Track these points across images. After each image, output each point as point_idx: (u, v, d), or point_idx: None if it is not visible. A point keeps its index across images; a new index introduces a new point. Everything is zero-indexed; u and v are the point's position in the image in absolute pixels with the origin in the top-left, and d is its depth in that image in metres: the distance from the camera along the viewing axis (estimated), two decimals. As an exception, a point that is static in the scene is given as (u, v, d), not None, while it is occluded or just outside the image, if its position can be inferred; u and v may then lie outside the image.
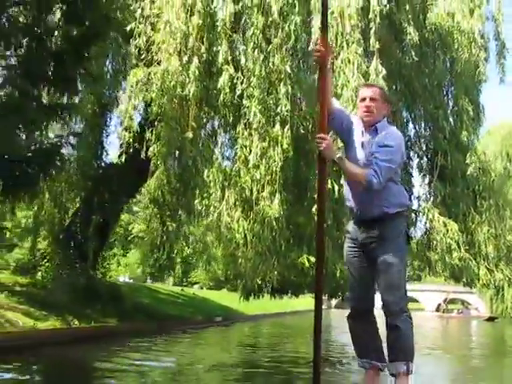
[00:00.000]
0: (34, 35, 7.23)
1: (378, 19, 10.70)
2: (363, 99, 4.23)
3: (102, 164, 17.44)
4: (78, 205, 17.98)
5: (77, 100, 12.82)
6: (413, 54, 13.08)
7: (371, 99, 4.19)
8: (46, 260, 17.07)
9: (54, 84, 7.72)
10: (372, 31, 10.68)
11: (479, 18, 15.14)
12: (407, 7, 13.09)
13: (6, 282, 14.47)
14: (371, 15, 10.65)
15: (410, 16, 13.14)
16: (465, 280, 13.46)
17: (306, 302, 35.09)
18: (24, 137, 7.48)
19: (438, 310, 68.87)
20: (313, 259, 9.66)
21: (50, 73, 7.50)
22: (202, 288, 49.70)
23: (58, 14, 8.03)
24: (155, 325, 16.66)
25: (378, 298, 4.24)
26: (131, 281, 48.56)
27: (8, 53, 7.44)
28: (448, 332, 30.21)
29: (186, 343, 14.77)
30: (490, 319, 42.65)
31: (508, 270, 13.67)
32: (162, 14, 10.92)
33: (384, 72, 10.55)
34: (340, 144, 5.14)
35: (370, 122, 4.20)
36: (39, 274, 16.50)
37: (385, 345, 4.21)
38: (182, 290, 30.75)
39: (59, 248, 17.11)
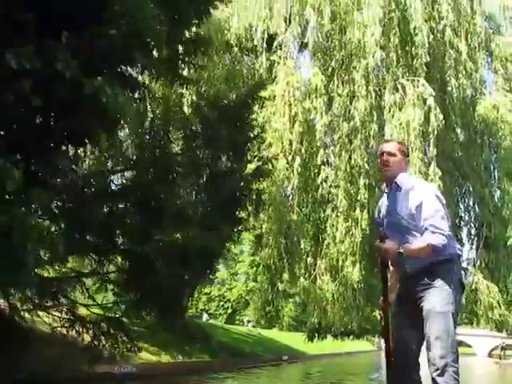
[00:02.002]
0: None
1: (436, 131, 14.67)
2: (381, 154, 4.42)
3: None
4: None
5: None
6: (463, 140, 17.11)
7: (389, 154, 4.36)
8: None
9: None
10: (431, 141, 14.63)
11: (520, 110, 19.07)
12: (459, 103, 17.12)
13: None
14: (430, 128, 14.61)
15: (462, 108, 17.24)
16: (505, 332, 17.28)
17: (360, 344, 38.60)
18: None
19: (490, 355, 70.30)
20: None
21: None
22: (254, 326, 53.43)
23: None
24: (238, 361, 20.69)
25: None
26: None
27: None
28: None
29: (270, 377, 18.76)
30: None
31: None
32: (271, 122, 15.11)
33: (440, 173, 14.46)
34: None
35: (389, 177, 4.40)
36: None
37: None
38: (249, 330, 34.68)
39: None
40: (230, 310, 59.87)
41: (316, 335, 19.05)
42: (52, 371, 9.96)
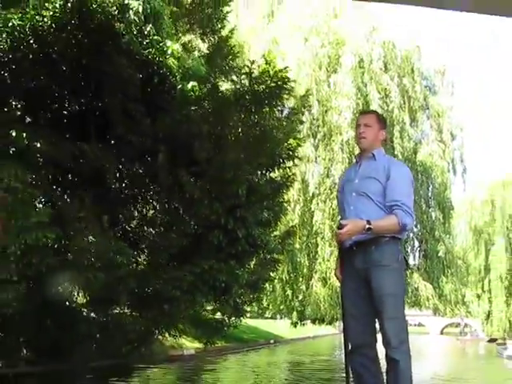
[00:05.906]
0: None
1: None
2: (358, 126, 4.62)
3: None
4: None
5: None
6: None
7: (365, 125, 4.55)
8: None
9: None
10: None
11: (448, 155, 28.73)
12: (404, 158, 26.53)
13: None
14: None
15: (407, 158, 26.66)
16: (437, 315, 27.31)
17: (325, 327, 47.33)
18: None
19: (441, 333, 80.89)
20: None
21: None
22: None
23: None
24: (243, 344, 29.15)
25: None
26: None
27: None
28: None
29: (270, 355, 27.95)
30: (492, 340, 47.56)
31: (463, 309, 27.63)
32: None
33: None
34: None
35: (364, 148, 4.57)
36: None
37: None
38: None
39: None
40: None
41: (299, 322, 28.05)
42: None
